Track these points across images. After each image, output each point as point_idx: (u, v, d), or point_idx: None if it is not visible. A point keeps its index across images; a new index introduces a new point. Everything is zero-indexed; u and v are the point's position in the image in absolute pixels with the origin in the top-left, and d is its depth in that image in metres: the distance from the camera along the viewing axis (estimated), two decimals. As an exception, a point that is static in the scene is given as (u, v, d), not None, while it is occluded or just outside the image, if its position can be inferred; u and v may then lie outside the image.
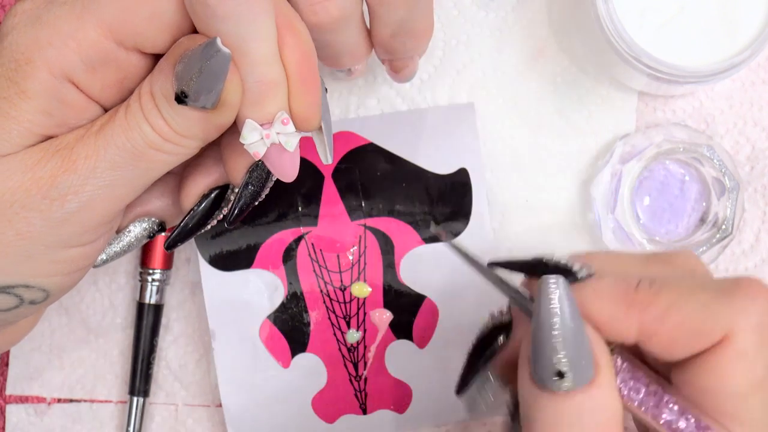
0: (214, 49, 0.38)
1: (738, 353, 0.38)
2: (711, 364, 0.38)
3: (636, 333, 0.39)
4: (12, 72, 0.41)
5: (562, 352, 0.37)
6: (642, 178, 0.59)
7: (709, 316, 0.38)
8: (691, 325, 0.38)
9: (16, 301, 0.44)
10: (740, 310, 0.38)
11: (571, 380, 0.38)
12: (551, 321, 0.38)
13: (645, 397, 0.39)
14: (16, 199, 0.41)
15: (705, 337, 0.38)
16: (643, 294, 0.39)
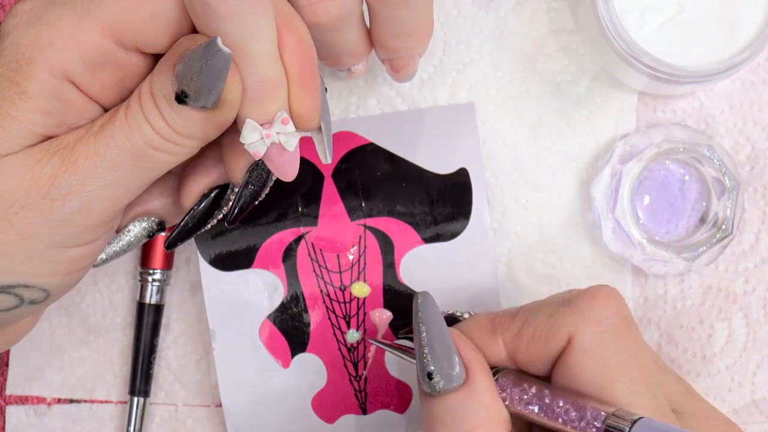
0: (214, 48, 0.38)
1: (582, 351, 0.43)
2: (566, 366, 0.43)
3: (505, 352, 0.45)
4: (13, 72, 0.41)
5: (429, 356, 0.44)
6: (642, 178, 0.59)
7: (552, 324, 0.44)
8: (541, 335, 0.44)
9: (17, 301, 0.44)
10: (578, 313, 0.44)
11: (440, 382, 0.43)
12: (419, 329, 0.45)
13: (529, 398, 0.44)
14: (16, 198, 0.41)
15: (554, 343, 0.44)
16: (500, 319, 0.46)
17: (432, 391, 0.44)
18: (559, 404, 0.43)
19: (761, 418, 0.60)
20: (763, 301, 0.60)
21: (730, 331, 0.60)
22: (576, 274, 0.60)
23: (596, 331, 0.43)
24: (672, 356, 0.60)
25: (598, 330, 0.43)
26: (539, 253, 0.60)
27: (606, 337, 0.43)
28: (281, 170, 0.43)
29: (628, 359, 0.44)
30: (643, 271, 0.60)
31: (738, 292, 0.60)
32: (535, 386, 0.44)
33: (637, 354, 0.44)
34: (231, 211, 0.45)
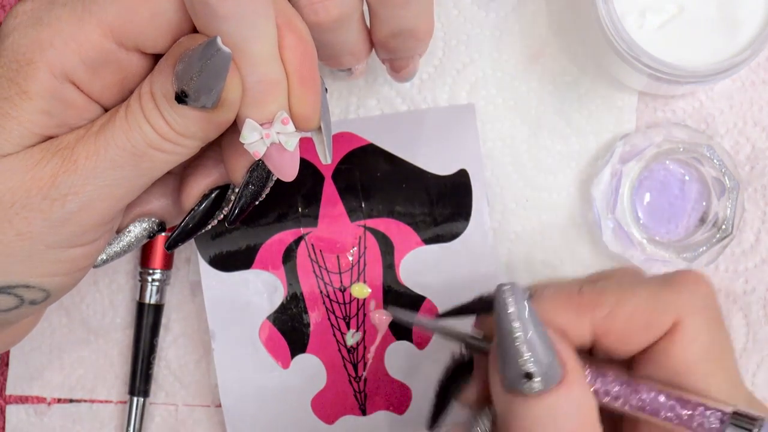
0: (214, 48, 0.38)
1: (691, 337, 0.40)
2: (669, 352, 0.40)
3: (590, 334, 0.41)
4: (13, 73, 0.41)
5: (527, 354, 0.39)
6: (642, 178, 0.59)
7: (656, 306, 0.40)
8: (641, 317, 0.40)
9: (17, 302, 0.44)
10: (686, 296, 0.40)
11: (540, 381, 0.39)
12: (512, 325, 0.39)
13: (620, 390, 0.41)
14: (16, 199, 0.41)
15: (656, 327, 0.40)
16: (588, 296, 0.41)
17: (527, 392, 0.39)
18: (660, 399, 0.40)
19: (761, 418, 0.60)
20: (763, 301, 0.60)
21: (730, 331, 0.60)
22: (576, 274, 0.60)
23: (705, 317, 0.40)
24: (672, 356, 0.60)
25: (707, 316, 0.40)
26: (539, 253, 0.60)
27: (712, 324, 0.41)
28: (281, 170, 0.43)
29: (728, 349, 0.41)
30: (643, 272, 0.60)
31: (738, 292, 0.60)
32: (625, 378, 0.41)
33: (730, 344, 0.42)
34: (231, 211, 0.45)
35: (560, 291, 0.42)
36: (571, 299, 0.41)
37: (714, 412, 0.39)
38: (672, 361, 0.40)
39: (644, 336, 0.41)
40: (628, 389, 0.41)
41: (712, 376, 0.40)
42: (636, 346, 0.41)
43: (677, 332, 0.40)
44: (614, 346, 0.42)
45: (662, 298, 0.40)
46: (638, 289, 0.41)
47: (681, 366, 0.40)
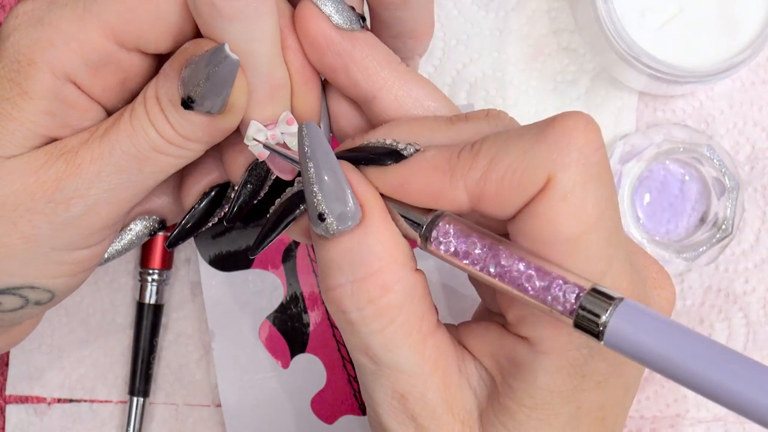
0: (222, 55, 0.38)
1: (562, 195, 0.36)
2: (538, 212, 0.36)
3: (467, 199, 0.38)
4: (14, 73, 0.41)
5: (318, 194, 0.38)
6: (642, 178, 0.59)
7: (528, 163, 0.36)
8: (513, 176, 0.37)
9: (22, 302, 0.44)
10: (557, 149, 0.36)
11: (333, 223, 0.38)
12: (306, 164, 0.39)
13: (479, 254, 0.38)
14: (20, 202, 0.41)
15: (528, 186, 0.37)
16: (464, 159, 0.38)
17: (325, 234, 0.38)
18: (519, 267, 0.37)
19: (761, 418, 0.60)
20: (763, 301, 0.60)
21: (730, 331, 0.60)
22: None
23: (580, 171, 0.36)
24: (672, 356, 0.60)
25: (582, 170, 0.36)
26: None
27: (590, 178, 0.36)
28: (283, 170, 0.43)
29: (607, 206, 0.37)
30: (643, 271, 0.60)
31: (738, 292, 0.60)
32: (488, 240, 0.38)
33: (614, 201, 0.38)
34: (230, 209, 0.45)
35: (440, 154, 0.39)
36: (448, 162, 0.38)
37: (572, 285, 0.35)
38: (541, 222, 0.37)
39: (517, 196, 0.37)
40: (489, 253, 0.37)
41: (585, 235, 0.36)
42: (511, 208, 0.38)
43: (548, 190, 0.36)
44: (490, 209, 0.38)
45: (535, 152, 0.36)
46: (511, 145, 0.37)
47: (549, 225, 0.37)
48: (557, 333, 0.38)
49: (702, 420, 0.60)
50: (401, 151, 0.39)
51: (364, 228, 0.39)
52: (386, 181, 0.39)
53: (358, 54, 0.41)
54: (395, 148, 0.39)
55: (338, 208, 0.38)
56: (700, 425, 0.60)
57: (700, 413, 0.60)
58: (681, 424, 0.60)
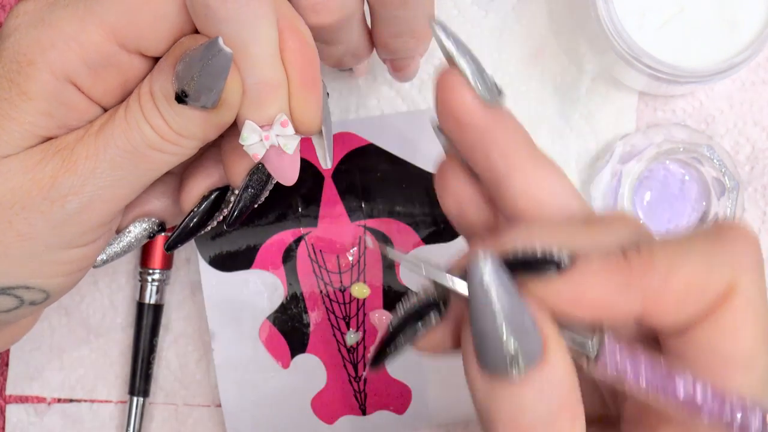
0: (215, 48, 0.38)
1: (747, 301, 0.34)
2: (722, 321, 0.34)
3: (639, 307, 0.35)
4: (14, 73, 0.41)
5: (511, 337, 0.33)
6: (642, 178, 0.59)
7: (712, 268, 0.34)
8: (698, 280, 0.34)
9: (17, 302, 0.44)
10: (741, 252, 0.34)
11: (522, 363, 0.33)
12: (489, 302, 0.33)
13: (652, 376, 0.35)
14: (16, 200, 0.41)
15: (712, 293, 0.34)
16: (637, 263, 0.34)
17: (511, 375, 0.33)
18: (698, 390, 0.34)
19: (761, 418, 0.60)
20: (763, 302, 0.60)
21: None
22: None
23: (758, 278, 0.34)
24: (672, 356, 0.60)
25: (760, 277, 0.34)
26: (539, 252, 0.60)
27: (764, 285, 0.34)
28: (281, 173, 0.43)
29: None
30: (643, 272, 0.60)
31: (738, 293, 0.60)
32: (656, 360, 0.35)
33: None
34: (230, 213, 0.45)
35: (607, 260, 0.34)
36: (620, 269, 0.34)
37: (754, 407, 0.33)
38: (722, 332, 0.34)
39: (698, 305, 0.34)
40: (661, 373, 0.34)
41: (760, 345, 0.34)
42: (685, 319, 0.35)
43: (732, 297, 0.34)
44: (662, 321, 0.35)
45: (718, 257, 0.34)
46: (689, 250, 0.34)
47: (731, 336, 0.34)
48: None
49: (702, 420, 0.60)
50: (558, 261, 0.34)
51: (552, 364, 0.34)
52: (553, 295, 0.34)
53: (501, 133, 0.38)
54: (551, 256, 0.34)
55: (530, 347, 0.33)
56: (701, 425, 0.60)
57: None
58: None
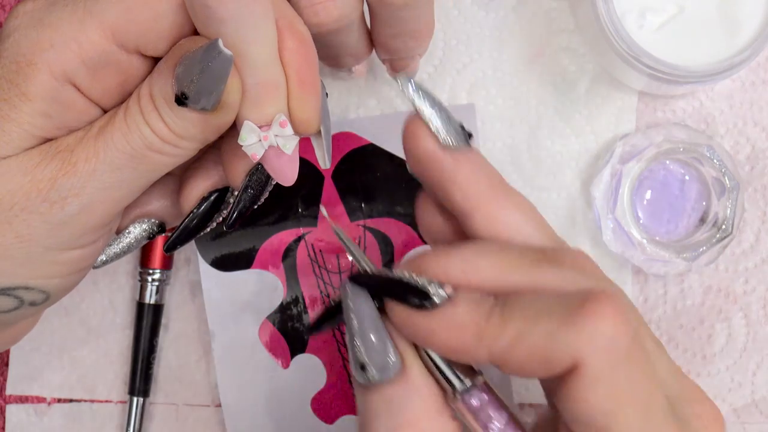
0: (216, 50, 0.38)
1: (592, 379, 0.37)
2: (570, 390, 0.37)
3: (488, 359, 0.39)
4: (13, 74, 0.41)
5: (361, 347, 0.40)
6: (642, 178, 0.59)
7: (555, 345, 0.37)
8: (538, 354, 0.37)
9: (17, 303, 0.44)
10: (586, 335, 0.37)
11: (374, 373, 0.39)
12: (349, 318, 0.40)
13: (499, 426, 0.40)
14: (15, 201, 0.41)
15: (554, 365, 0.37)
16: (493, 326, 0.38)
17: (365, 383, 0.39)
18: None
19: (761, 418, 0.60)
20: (763, 301, 0.60)
21: (730, 331, 0.60)
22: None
23: (609, 359, 0.37)
24: (672, 356, 0.60)
25: (611, 357, 0.37)
26: (539, 253, 0.60)
27: (619, 363, 0.37)
28: (280, 174, 0.42)
29: (642, 383, 0.38)
30: (643, 271, 0.60)
31: (738, 292, 0.60)
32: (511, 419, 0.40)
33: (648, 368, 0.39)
34: (230, 215, 0.45)
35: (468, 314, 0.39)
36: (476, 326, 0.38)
37: None
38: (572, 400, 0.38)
39: (542, 372, 0.38)
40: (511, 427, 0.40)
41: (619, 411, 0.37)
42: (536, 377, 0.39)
43: (577, 374, 0.37)
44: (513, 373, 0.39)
45: (562, 335, 0.37)
46: (541, 322, 0.37)
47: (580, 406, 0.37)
48: None
49: (702, 420, 0.60)
50: (432, 295, 0.39)
51: (404, 379, 0.39)
52: (415, 329, 0.39)
53: (462, 176, 0.41)
54: (425, 289, 0.39)
55: (380, 360, 0.39)
56: (701, 425, 0.60)
57: (701, 413, 0.60)
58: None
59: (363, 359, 0.40)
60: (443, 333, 0.38)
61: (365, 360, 0.40)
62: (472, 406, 0.40)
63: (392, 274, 0.40)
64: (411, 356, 0.40)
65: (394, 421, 0.39)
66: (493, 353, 0.38)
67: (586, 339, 0.37)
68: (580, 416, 0.38)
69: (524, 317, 0.38)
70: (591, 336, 0.37)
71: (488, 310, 0.38)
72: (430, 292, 0.39)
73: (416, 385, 0.39)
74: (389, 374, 0.39)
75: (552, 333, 0.37)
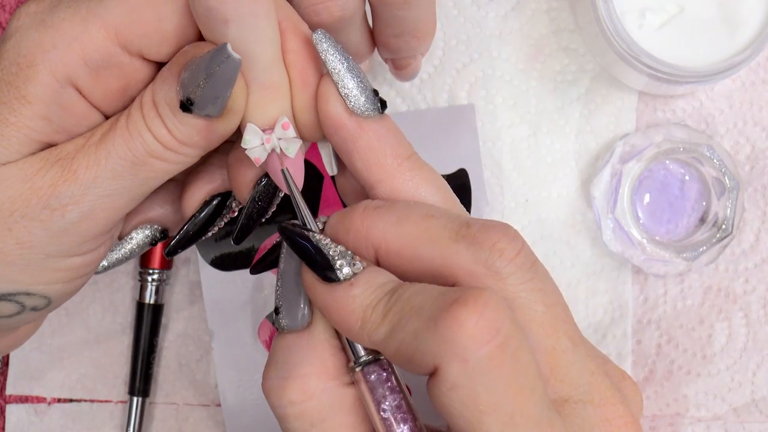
0: (224, 54, 0.38)
1: (450, 386, 0.36)
2: (432, 392, 0.37)
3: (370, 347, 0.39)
4: (13, 76, 0.41)
5: (279, 291, 0.41)
6: (642, 178, 0.59)
7: (418, 346, 0.36)
8: (404, 352, 0.37)
9: (18, 308, 0.44)
10: (443, 341, 0.36)
11: (285, 320, 0.40)
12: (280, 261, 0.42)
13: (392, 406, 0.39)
14: (15, 208, 0.41)
15: (418, 366, 0.37)
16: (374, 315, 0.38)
17: (277, 327, 0.41)
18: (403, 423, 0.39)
19: (761, 417, 0.60)
20: (763, 301, 0.60)
21: (730, 331, 0.60)
22: (576, 274, 0.60)
23: (465, 367, 0.36)
24: (672, 356, 0.60)
25: (467, 366, 0.36)
26: (539, 253, 0.60)
27: (476, 373, 0.36)
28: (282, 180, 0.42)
29: (505, 392, 0.37)
30: (643, 271, 0.60)
31: (738, 292, 0.60)
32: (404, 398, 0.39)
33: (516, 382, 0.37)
34: (237, 228, 0.45)
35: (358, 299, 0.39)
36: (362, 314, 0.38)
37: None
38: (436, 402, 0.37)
39: (410, 369, 0.38)
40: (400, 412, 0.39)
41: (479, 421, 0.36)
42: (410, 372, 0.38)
43: (436, 379, 0.36)
44: None
45: (423, 340, 0.36)
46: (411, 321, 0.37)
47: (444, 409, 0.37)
48: None
49: (702, 419, 0.60)
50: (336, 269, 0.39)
51: (307, 333, 0.40)
52: (315, 295, 0.40)
53: (363, 143, 0.41)
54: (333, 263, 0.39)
55: (290, 309, 0.41)
56: (700, 424, 0.60)
57: (700, 412, 0.60)
58: (680, 423, 0.60)
59: (277, 303, 0.41)
60: (334, 311, 0.39)
61: (278, 304, 0.41)
62: (369, 380, 0.39)
63: (314, 237, 0.40)
64: (320, 316, 0.40)
65: (285, 372, 0.39)
66: (372, 342, 0.38)
67: (443, 345, 0.36)
68: (444, 417, 0.37)
69: (400, 312, 0.37)
70: (448, 342, 0.36)
71: (377, 298, 0.38)
72: (335, 267, 0.39)
73: (316, 341, 0.40)
74: (296, 325, 0.40)
75: (417, 334, 0.36)
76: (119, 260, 0.47)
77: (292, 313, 0.40)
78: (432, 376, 0.36)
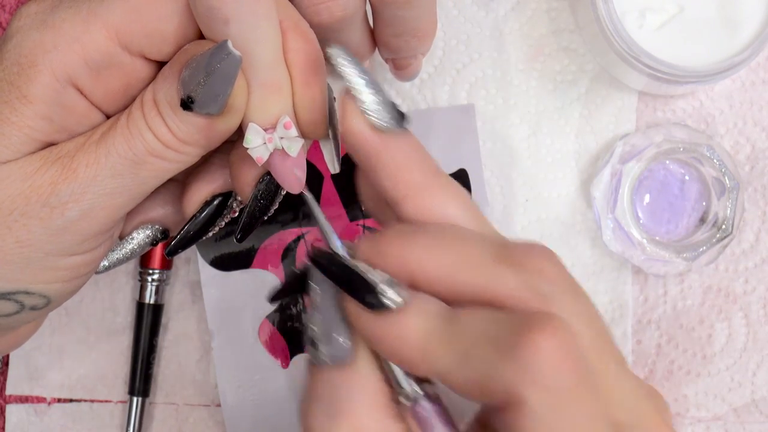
0: (225, 51, 0.38)
1: (530, 419, 0.35)
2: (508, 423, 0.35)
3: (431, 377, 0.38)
4: (14, 76, 0.41)
5: (315, 327, 0.38)
6: (642, 178, 0.59)
7: (493, 376, 0.35)
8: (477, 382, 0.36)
9: (17, 307, 0.44)
10: (524, 371, 0.35)
11: (324, 354, 0.38)
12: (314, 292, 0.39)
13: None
14: (15, 206, 0.41)
15: (492, 397, 0.35)
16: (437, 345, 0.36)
17: (315, 361, 0.38)
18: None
19: (761, 418, 0.60)
20: (763, 301, 0.60)
21: (730, 331, 0.60)
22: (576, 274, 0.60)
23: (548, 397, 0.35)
24: (672, 356, 0.60)
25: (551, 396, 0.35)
26: (539, 253, 0.60)
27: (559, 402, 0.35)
28: (285, 180, 0.42)
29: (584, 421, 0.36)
30: (643, 271, 0.60)
31: (738, 292, 0.60)
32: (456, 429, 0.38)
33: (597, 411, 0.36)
34: (239, 226, 0.45)
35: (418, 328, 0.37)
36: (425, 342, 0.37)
37: None
38: None
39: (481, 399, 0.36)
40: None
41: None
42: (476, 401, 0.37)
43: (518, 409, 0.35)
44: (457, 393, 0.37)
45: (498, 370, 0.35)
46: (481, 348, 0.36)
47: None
48: None
49: (702, 419, 0.60)
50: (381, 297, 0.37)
51: (351, 368, 0.38)
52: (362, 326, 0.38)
53: (390, 160, 0.40)
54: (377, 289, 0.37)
55: (331, 343, 0.38)
56: (700, 424, 0.60)
57: (700, 413, 0.60)
58: (680, 424, 0.60)
59: (314, 336, 0.39)
60: (390, 342, 0.37)
61: (316, 337, 0.39)
62: (419, 415, 0.38)
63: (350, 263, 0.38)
64: (363, 347, 0.38)
65: (333, 408, 0.38)
66: (435, 373, 0.37)
67: (524, 375, 0.34)
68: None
69: (467, 341, 0.36)
70: (530, 373, 0.34)
71: (436, 327, 0.37)
72: (384, 295, 0.37)
73: (362, 376, 0.38)
74: (338, 359, 0.38)
75: (492, 363, 0.35)
76: (120, 260, 0.47)
77: (334, 346, 0.38)
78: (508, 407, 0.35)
